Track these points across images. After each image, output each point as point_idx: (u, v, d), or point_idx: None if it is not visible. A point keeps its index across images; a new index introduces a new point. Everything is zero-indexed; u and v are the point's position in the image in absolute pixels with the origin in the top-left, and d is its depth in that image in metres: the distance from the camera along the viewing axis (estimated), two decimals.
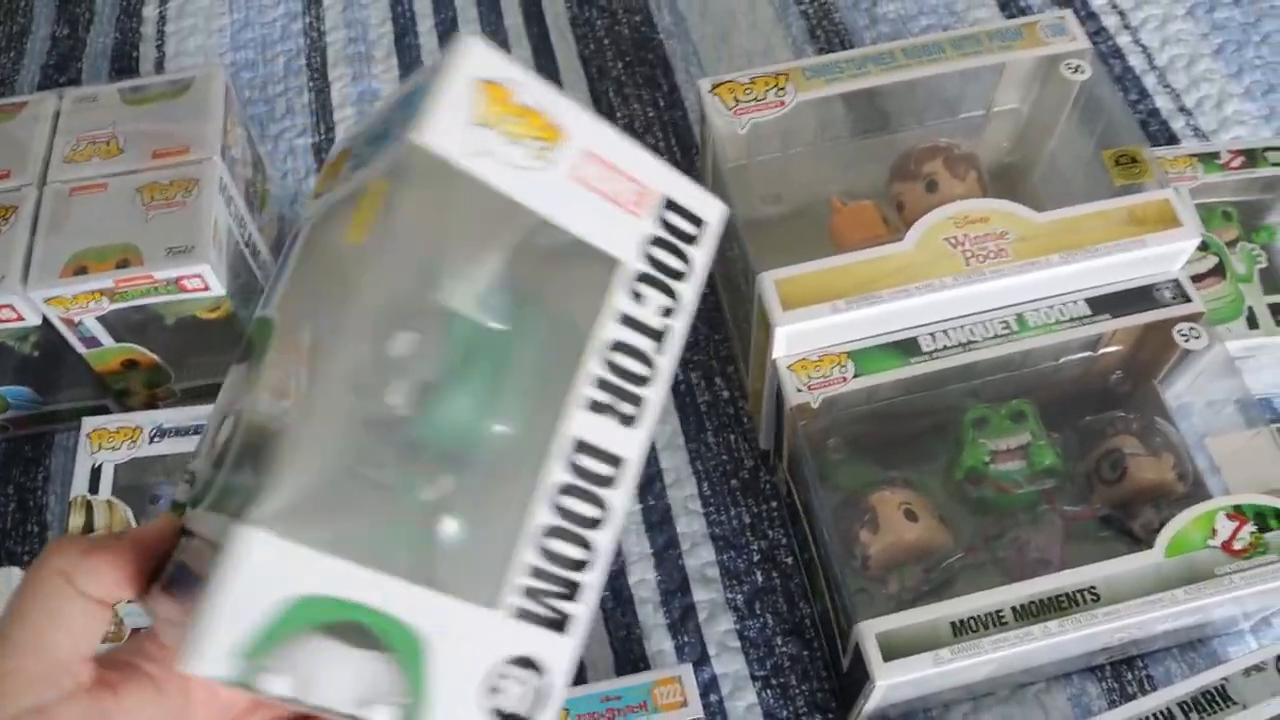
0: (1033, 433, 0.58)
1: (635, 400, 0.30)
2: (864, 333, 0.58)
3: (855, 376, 0.57)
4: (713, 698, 0.59)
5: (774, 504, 0.65)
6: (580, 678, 0.60)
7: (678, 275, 0.31)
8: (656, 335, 0.30)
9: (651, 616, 0.62)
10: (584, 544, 0.29)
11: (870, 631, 0.49)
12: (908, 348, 0.57)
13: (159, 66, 0.86)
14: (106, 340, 0.64)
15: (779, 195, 0.68)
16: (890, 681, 0.49)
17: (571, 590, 0.29)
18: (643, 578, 0.63)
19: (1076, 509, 0.57)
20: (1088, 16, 0.84)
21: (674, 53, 0.84)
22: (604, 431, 0.29)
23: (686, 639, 0.61)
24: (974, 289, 0.56)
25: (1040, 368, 0.61)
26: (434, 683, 0.27)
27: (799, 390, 0.57)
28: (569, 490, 0.29)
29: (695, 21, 0.85)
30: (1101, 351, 0.61)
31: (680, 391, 0.69)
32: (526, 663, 0.28)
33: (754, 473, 0.66)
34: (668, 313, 0.30)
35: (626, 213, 0.30)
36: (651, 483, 0.66)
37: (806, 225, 0.67)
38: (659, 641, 0.61)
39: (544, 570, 0.28)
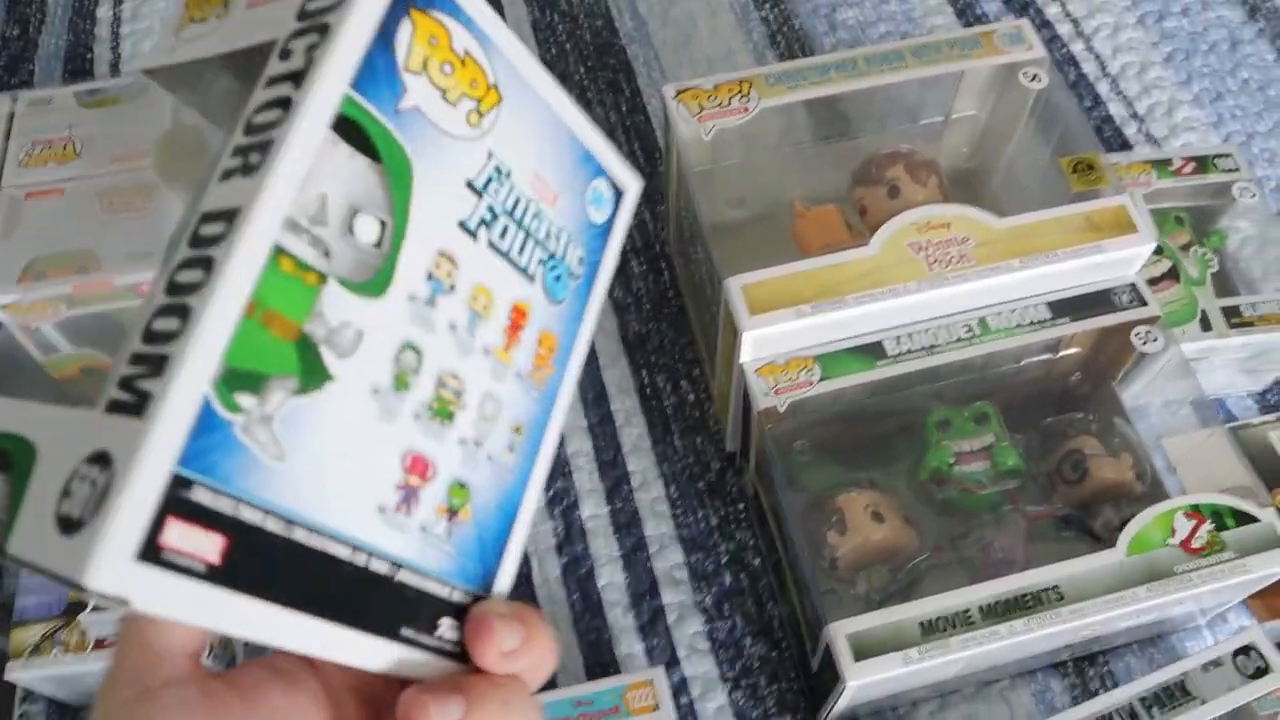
0: (995, 434, 0.59)
1: (262, 147, 0.25)
2: (830, 336, 0.58)
3: (822, 380, 0.57)
4: (683, 700, 0.59)
5: (741, 506, 0.65)
6: (550, 683, 0.60)
7: (328, 9, 0.27)
8: (298, 76, 0.26)
9: (620, 619, 0.62)
10: (181, 313, 0.24)
11: (841, 633, 0.50)
12: (873, 351, 0.58)
13: (114, 69, 0.84)
14: (64, 347, 0.62)
15: (743, 199, 0.69)
16: (861, 682, 0.49)
17: (156, 366, 0.23)
18: (611, 580, 0.63)
19: (1039, 509, 0.58)
20: (1042, 24, 0.86)
21: (636, 57, 0.84)
22: (227, 193, 0.25)
23: (656, 641, 0.61)
24: (937, 293, 0.57)
25: (1002, 370, 0.62)
26: (28, 495, 0.23)
27: (766, 394, 0.57)
28: (184, 264, 0.24)
29: (657, 27, 0.86)
30: (1061, 354, 0.62)
31: (646, 395, 0.69)
32: (100, 458, 0.23)
33: (721, 475, 0.67)
34: (313, 48, 0.27)
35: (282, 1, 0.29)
36: (619, 485, 0.66)
37: (770, 229, 0.67)
38: (628, 644, 0.61)
39: (141, 353, 0.24)
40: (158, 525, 0.22)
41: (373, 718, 0.31)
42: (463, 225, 0.29)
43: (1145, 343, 0.59)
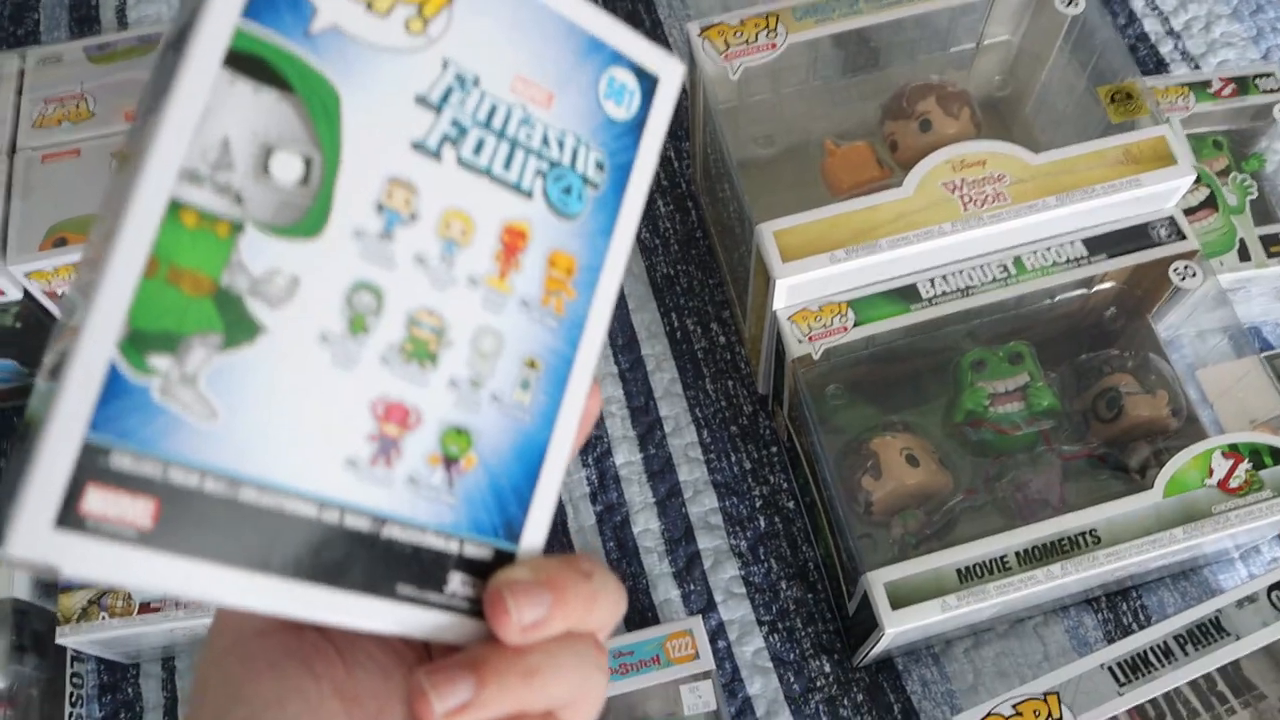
0: (1031, 374, 0.58)
1: (159, 94, 0.26)
2: (863, 280, 0.57)
3: (856, 325, 0.57)
4: (720, 644, 0.60)
5: (774, 449, 0.66)
6: None
7: None
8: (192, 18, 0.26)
9: (657, 566, 0.63)
10: (91, 281, 0.24)
11: (878, 581, 0.50)
12: (907, 294, 0.57)
13: (120, 13, 0.82)
14: None
15: (770, 136, 0.67)
16: (899, 629, 0.50)
17: (75, 335, 0.24)
18: (647, 527, 0.64)
19: (1074, 449, 0.58)
20: None
21: None
22: (132, 147, 0.26)
23: (693, 587, 0.62)
24: (972, 234, 0.56)
25: (1036, 307, 0.61)
26: None
27: (800, 341, 0.57)
28: (96, 227, 0.26)
29: None
30: (1096, 289, 0.61)
31: (676, 338, 0.69)
32: (29, 428, 0.24)
33: (753, 418, 0.66)
34: None
35: None
36: (651, 431, 0.66)
37: (799, 165, 0.66)
38: (665, 590, 0.62)
39: (65, 324, 0.25)
40: (75, 492, 0.22)
41: None
42: (419, 146, 0.27)
43: (1184, 278, 0.58)
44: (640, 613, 0.61)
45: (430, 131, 0.27)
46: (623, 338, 0.69)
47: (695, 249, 0.72)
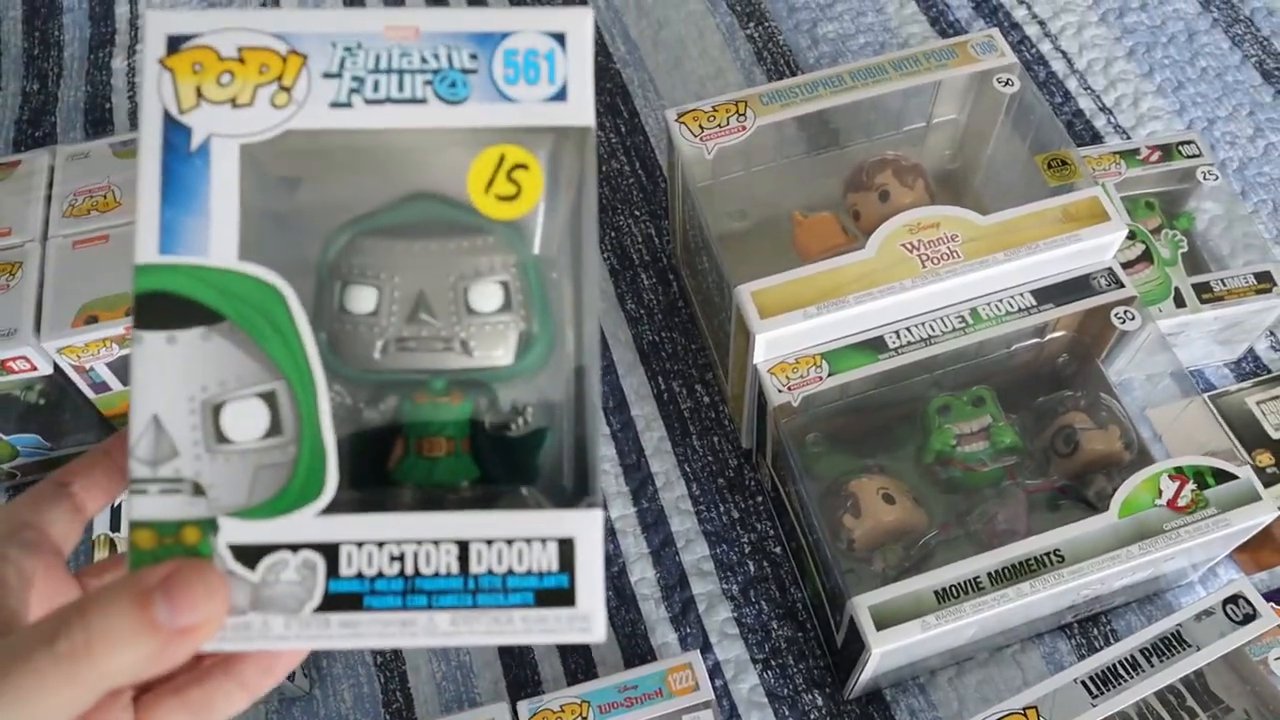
0: (993, 415, 0.63)
1: None
2: (835, 334, 0.63)
3: (830, 375, 0.62)
4: (718, 682, 0.63)
5: (759, 499, 0.70)
6: (591, 674, 0.65)
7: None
8: None
9: (654, 611, 0.66)
10: None
11: (863, 605, 0.54)
12: (875, 345, 0.63)
13: (133, 117, 0.88)
14: (115, 385, 0.66)
15: (744, 211, 0.73)
16: (885, 649, 0.54)
17: None
18: (643, 575, 0.67)
19: (1036, 482, 0.63)
20: (1011, 27, 0.91)
21: (631, 80, 0.89)
22: None
23: (688, 630, 0.65)
24: (931, 289, 0.62)
25: (994, 355, 0.66)
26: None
27: (779, 391, 0.62)
28: None
29: (648, 50, 0.90)
30: (1049, 337, 0.67)
31: (664, 400, 0.74)
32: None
33: (739, 471, 0.71)
34: None
35: None
36: (644, 486, 0.70)
37: (771, 237, 0.72)
38: (663, 634, 0.65)
39: None
40: None
41: None
42: None
43: (1124, 322, 0.63)
44: (640, 656, 0.65)
45: None
46: (613, 400, 0.74)
47: (678, 317, 0.77)
